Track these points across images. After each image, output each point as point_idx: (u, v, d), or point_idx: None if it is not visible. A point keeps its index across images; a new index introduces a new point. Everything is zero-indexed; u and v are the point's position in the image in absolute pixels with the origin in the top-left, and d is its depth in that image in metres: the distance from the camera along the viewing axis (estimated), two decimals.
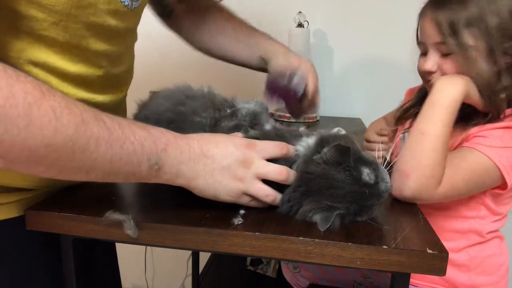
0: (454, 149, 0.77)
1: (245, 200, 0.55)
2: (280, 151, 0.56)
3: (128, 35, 0.67)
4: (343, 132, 0.65)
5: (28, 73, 0.52)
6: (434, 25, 0.76)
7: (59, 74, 0.57)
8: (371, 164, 0.56)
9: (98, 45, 0.59)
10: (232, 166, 0.53)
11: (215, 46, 0.92)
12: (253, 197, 0.55)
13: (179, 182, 0.53)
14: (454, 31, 0.74)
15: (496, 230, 0.83)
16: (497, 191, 0.75)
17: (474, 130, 0.75)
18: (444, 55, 0.78)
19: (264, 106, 0.68)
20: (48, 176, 0.46)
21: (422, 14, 0.82)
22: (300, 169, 0.56)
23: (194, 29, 0.92)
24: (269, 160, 0.56)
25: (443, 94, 0.71)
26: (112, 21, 0.58)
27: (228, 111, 0.65)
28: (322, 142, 0.57)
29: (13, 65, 0.50)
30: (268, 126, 0.66)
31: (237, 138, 0.56)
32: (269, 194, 0.55)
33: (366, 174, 0.54)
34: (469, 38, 0.73)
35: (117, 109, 0.73)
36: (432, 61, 0.80)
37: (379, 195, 0.55)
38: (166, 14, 0.92)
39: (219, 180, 0.53)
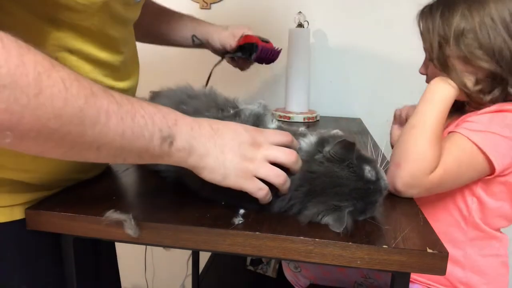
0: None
1: (253, 186, 0.53)
2: (286, 138, 0.57)
3: (130, 26, 0.70)
4: (341, 133, 0.65)
5: (64, 60, 0.54)
6: (420, 33, 0.83)
7: (92, 61, 0.59)
8: (371, 161, 0.57)
9: (116, 32, 0.62)
10: (242, 145, 0.53)
11: (143, 29, 0.92)
12: (261, 186, 0.54)
13: (191, 160, 0.51)
14: (430, 38, 0.79)
15: (495, 229, 0.82)
16: (486, 177, 0.75)
17: (468, 114, 0.77)
18: (430, 59, 0.83)
19: (267, 108, 0.68)
20: (59, 155, 0.45)
21: None
22: (303, 168, 0.56)
23: None
24: None
25: (435, 93, 0.75)
26: (122, 11, 0.62)
27: (231, 111, 0.65)
28: (322, 142, 0.58)
29: (51, 52, 0.52)
30: (272, 126, 0.66)
31: (245, 124, 0.57)
32: (280, 175, 0.54)
33: (368, 171, 0.55)
34: (444, 45, 0.77)
35: (131, 94, 0.74)
36: (424, 65, 0.88)
37: (381, 191, 0.56)
38: None
39: (230, 159, 0.52)
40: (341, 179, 0.54)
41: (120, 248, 0.84)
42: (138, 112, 0.47)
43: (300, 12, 1.30)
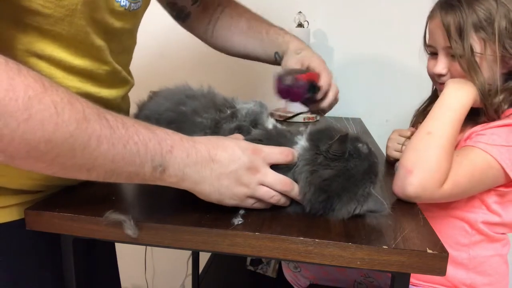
0: (456, 148, 0.77)
1: (248, 203, 0.55)
2: (285, 158, 0.56)
3: (124, 35, 0.67)
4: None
5: (33, 66, 0.53)
6: (443, 29, 0.77)
7: (64, 67, 0.57)
8: (357, 137, 0.58)
9: (98, 41, 0.59)
10: (239, 171, 0.53)
11: (231, 44, 0.93)
12: (257, 200, 0.55)
13: (185, 185, 0.52)
14: (461, 35, 0.74)
15: (501, 233, 0.83)
16: (502, 189, 0.75)
17: (477, 128, 0.76)
18: (453, 57, 0.78)
19: (264, 106, 0.67)
20: (51, 174, 0.45)
21: (431, 17, 0.83)
22: (314, 182, 0.55)
23: (211, 29, 0.93)
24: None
25: (454, 99, 0.72)
26: (110, 19, 0.59)
27: (228, 111, 0.65)
28: (315, 143, 0.57)
29: (19, 57, 0.51)
30: (269, 126, 0.66)
31: (243, 142, 0.56)
32: (273, 195, 0.55)
33: (361, 147, 0.57)
34: (475, 42, 0.74)
35: (120, 103, 0.73)
36: (442, 64, 0.80)
37: (378, 160, 0.59)
38: (183, 18, 0.93)
39: (226, 185, 0.53)
40: (351, 170, 0.55)
41: (120, 248, 0.84)
42: (132, 138, 0.47)
43: (300, 12, 1.30)
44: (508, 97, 0.76)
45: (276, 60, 0.90)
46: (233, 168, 0.53)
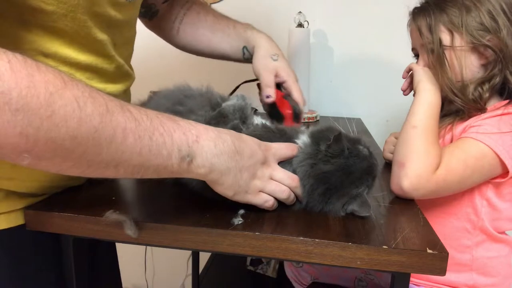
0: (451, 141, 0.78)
1: (260, 199, 0.56)
2: (291, 152, 0.59)
3: (125, 27, 0.67)
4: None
5: None
6: (417, 30, 0.84)
7: (70, 64, 0.56)
8: (358, 140, 0.60)
9: (101, 35, 0.59)
10: (256, 165, 0.54)
11: (196, 40, 0.91)
12: (267, 198, 0.56)
13: (211, 177, 0.51)
14: (432, 32, 0.80)
15: (502, 232, 0.83)
16: (498, 179, 0.76)
17: (470, 121, 0.77)
18: (429, 55, 0.83)
19: (247, 98, 0.67)
20: (78, 174, 0.44)
21: (409, 25, 0.91)
22: (313, 173, 0.57)
23: (176, 26, 0.91)
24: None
25: (429, 94, 0.77)
26: (112, 12, 0.59)
27: (216, 110, 0.65)
28: (316, 140, 0.59)
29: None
30: (257, 121, 0.66)
31: (255, 139, 0.57)
32: (284, 190, 0.57)
33: (362, 149, 0.58)
34: (444, 33, 0.79)
35: (124, 99, 0.72)
36: (422, 62, 0.87)
37: (377, 163, 0.60)
38: (151, 15, 0.91)
39: (244, 178, 0.53)
40: (350, 167, 0.56)
41: (120, 248, 0.84)
42: (157, 130, 0.46)
43: (300, 12, 1.30)
44: (478, 87, 0.78)
45: (244, 55, 0.89)
46: (252, 162, 0.54)
